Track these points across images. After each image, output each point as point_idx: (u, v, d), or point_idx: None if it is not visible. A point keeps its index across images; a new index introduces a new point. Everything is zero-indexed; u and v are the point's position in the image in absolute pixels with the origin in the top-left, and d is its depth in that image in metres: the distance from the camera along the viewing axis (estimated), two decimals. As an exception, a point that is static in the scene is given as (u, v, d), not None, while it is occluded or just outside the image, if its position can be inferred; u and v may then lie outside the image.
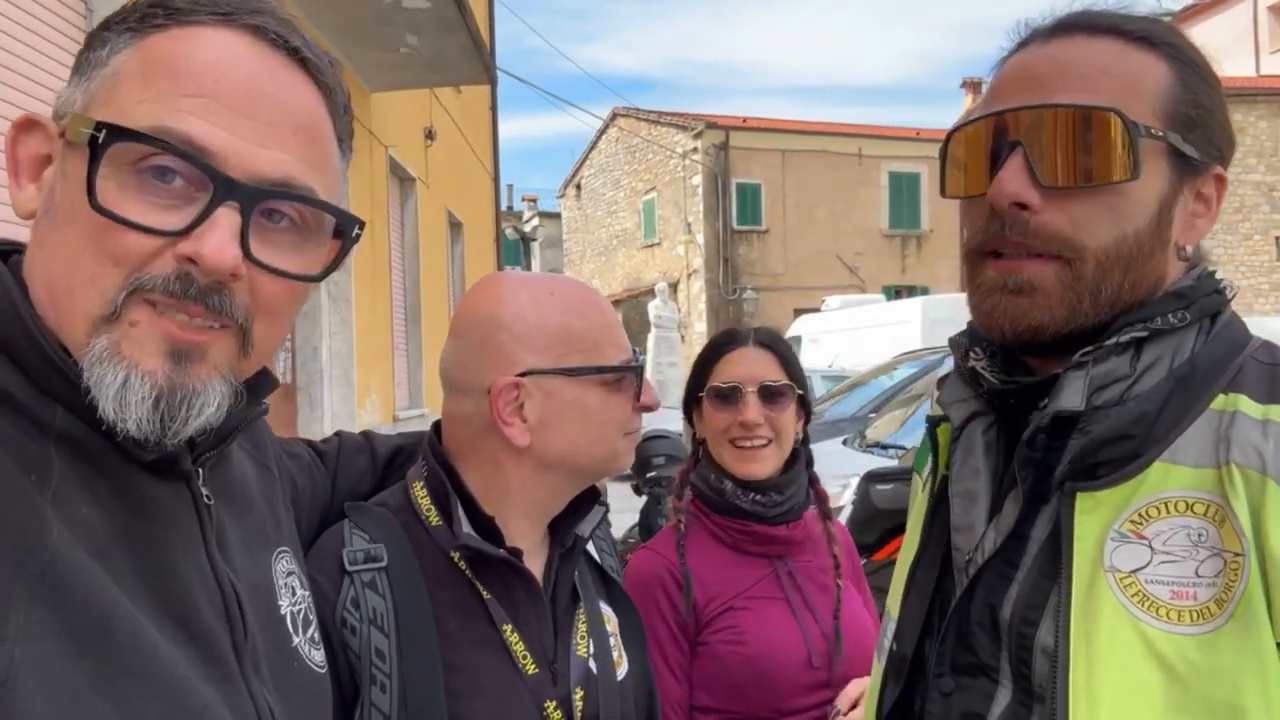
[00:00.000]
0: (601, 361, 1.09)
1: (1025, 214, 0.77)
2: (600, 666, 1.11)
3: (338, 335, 6.76)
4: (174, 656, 0.65)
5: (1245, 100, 20.67)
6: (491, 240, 13.41)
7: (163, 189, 0.65)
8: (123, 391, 0.63)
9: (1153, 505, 0.73)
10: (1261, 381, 0.75)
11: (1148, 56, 0.79)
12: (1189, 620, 0.70)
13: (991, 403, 0.87)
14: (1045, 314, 0.78)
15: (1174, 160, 0.78)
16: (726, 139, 24.45)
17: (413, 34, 6.45)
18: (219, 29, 0.68)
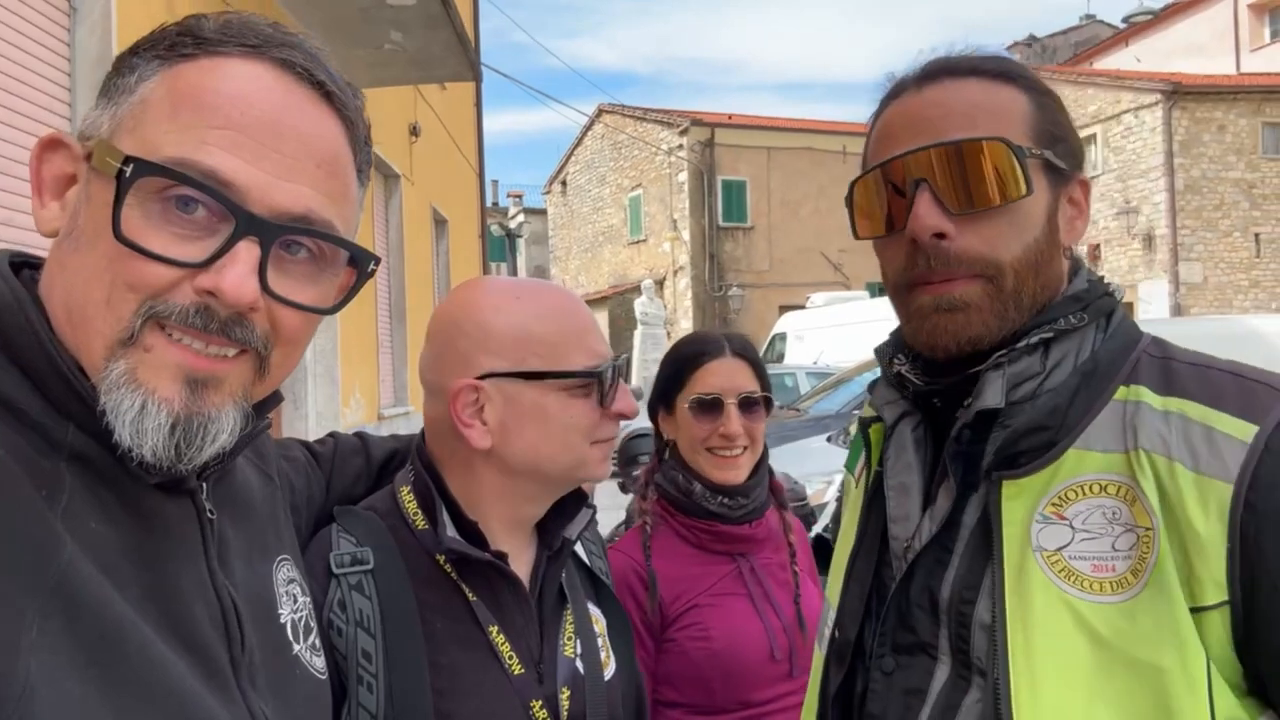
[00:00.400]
0: (563, 366, 1.08)
1: (944, 242, 0.86)
2: (588, 666, 1.12)
3: (321, 333, 6.72)
4: (179, 669, 0.66)
5: (1225, 98, 20.88)
6: (477, 237, 13.37)
7: (185, 219, 0.66)
8: (139, 418, 0.64)
9: (1071, 488, 0.82)
10: (1158, 374, 0.85)
11: (1008, 89, 0.89)
12: (1110, 590, 0.78)
13: (917, 403, 0.95)
14: (980, 326, 0.86)
15: (1049, 173, 0.89)
16: (712, 136, 24.47)
17: (397, 30, 6.41)
18: (247, 61, 0.69)
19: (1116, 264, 21.65)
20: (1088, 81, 22.71)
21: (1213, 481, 0.76)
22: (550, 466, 1.10)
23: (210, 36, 0.69)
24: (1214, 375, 0.83)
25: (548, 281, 1.21)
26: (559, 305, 1.13)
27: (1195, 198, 20.68)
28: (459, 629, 1.05)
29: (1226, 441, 0.77)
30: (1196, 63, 24.45)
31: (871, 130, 0.96)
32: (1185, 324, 10.69)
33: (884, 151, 0.91)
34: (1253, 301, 20.60)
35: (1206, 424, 0.79)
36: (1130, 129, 21.26)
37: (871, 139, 0.95)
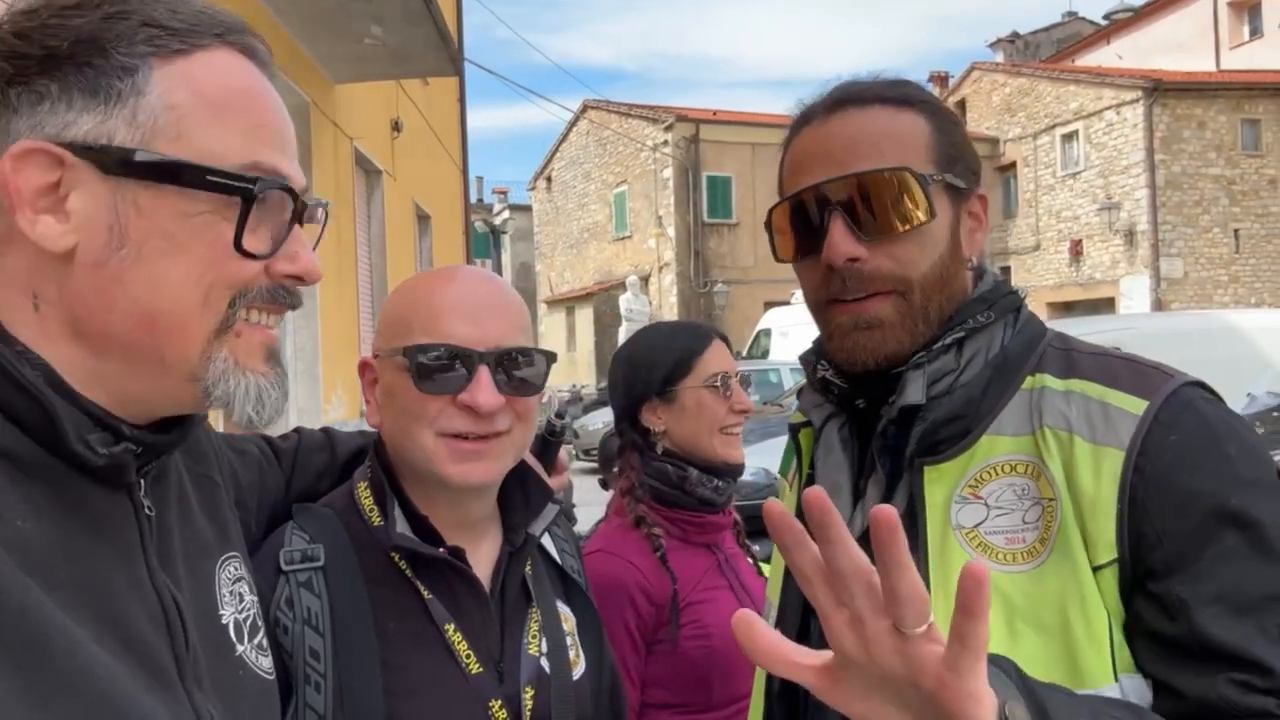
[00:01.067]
0: (404, 344, 1.03)
1: (857, 265, 0.92)
2: (554, 666, 1.10)
3: (303, 330, 6.68)
4: (113, 671, 0.64)
5: (1205, 95, 21.06)
6: (460, 233, 13.31)
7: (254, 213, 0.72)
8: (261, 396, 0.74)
9: (985, 470, 0.90)
10: (1059, 362, 0.93)
11: (909, 115, 0.96)
12: (1021, 560, 0.86)
13: (842, 405, 1.01)
14: (895, 342, 0.93)
15: (950, 193, 0.95)
16: (697, 132, 24.46)
17: (377, 25, 6.37)
18: (228, 51, 0.73)
19: (1099, 259, 21.81)
20: (1070, 78, 22.85)
21: (1107, 449, 0.83)
22: (408, 452, 1.05)
23: (180, 27, 0.71)
24: (1110, 361, 0.91)
25: (474, 268, 1.17)
26: (430, 286, 1.08)
27: (1176, 194, 20.85)
28: (413, 627, 1.03)
29: (1120, 415, 0.85)
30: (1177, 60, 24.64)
31: (784, 157, 1.02)
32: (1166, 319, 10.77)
33: (797, 180, 0.97)
34: (1232, 296, 20.81)
35: (1103, 400, 0.86)
36: (1112, 125, 21.40)
37: (785, 166, 1.01)
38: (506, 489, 1.14)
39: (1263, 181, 21.34)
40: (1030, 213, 23.65)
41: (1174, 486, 0.81)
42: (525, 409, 1.07)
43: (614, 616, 1.50)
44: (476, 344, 1.02)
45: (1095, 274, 21.89)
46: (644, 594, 1.54)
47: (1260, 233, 21.24)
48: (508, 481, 1.13)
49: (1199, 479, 0.81)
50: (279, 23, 6.11)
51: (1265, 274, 21.19)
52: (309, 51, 6.67)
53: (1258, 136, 21.38)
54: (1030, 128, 23.36)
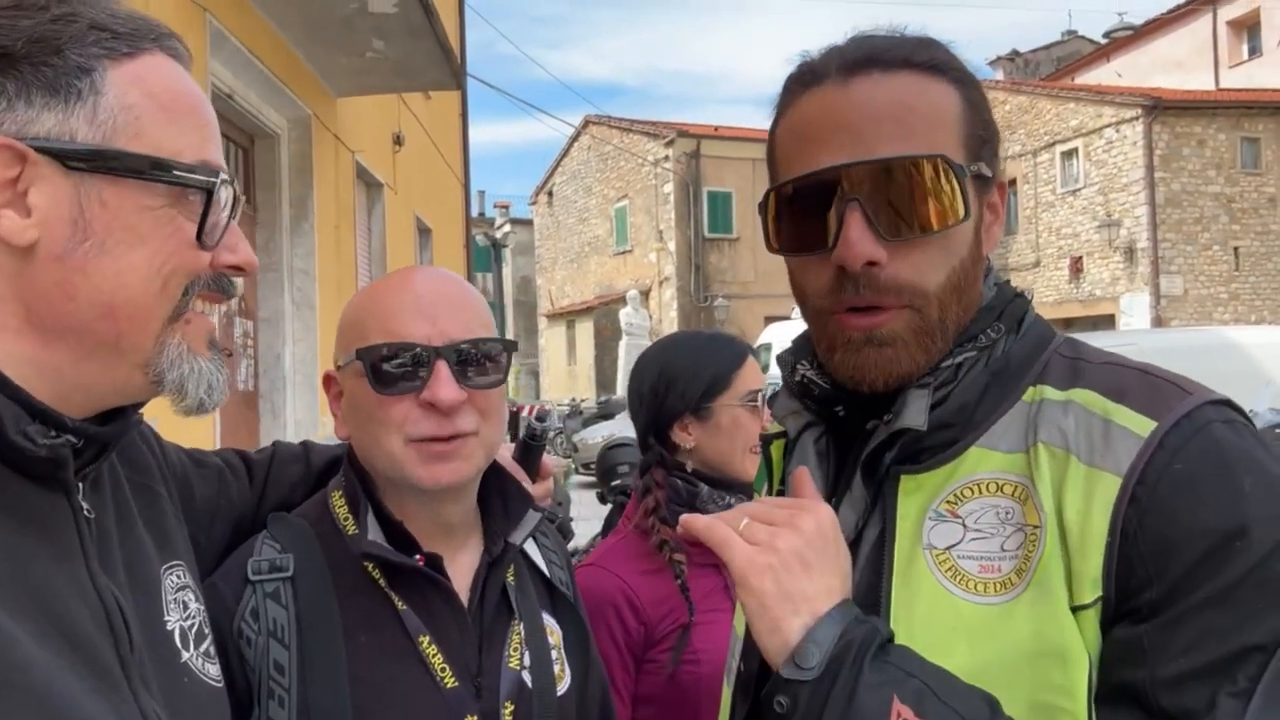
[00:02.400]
0: (359, 347, 1.02)
1: (875, 269, 0.78)
2: (537, 680, 1.07)
3: (301, 342, 6.67)
4: (52, 668, 0.64)
5: (1205, 113, 21.12)
6: (461, 246, 13.32)
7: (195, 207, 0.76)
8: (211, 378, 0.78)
9: (967, 486, 0.79)
10: (1064, 372, 0.81)
11: (941, 85, 0.81)
12: (993, 591, 0.74)
13: (820, 412, 0.90)
14: (909, 362, 0.80)
15: (976, 184, 0.81)
16: (698, 147, 24.54)
17: (379, 39, 6.39)
18: (165, 57, 0.77)
19: (1099, 276, 21.81)
20: (1070, 96, 22.93)
21: (1102, 474, 0.72)
22: (377, 461, 1.03)
23: (124, 31, 0.74)
24: (1121, 371, 0.79)
25: (425, 268, 1.15)
26: (381, 290, 1.07)
27: (1176, 211, 20.88)
28: (386, 639, 1.00)
29: (1123, 435, 0.73)
30: (1176, 78, 24.74)
31: (780, 118, 0.85)
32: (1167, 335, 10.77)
33: (806, 155, 0.81)
34: (1232, 314, 20.79)
35: (1106, 416, 0.75)
36: (1111, 143, 21.45)
37: (785, 132, 0.84)
38: (485, 496, 1.11)
39: (1262, 200, 21.37)
40: (1030, 229, 23.68)
41: (1170, 523, 0.69)
42: (489, 405, 1.04)
43: (601, 632, 1.46)
44: (432, 340, 1.00)
45: (1095, 291, 21.89)
46: (632, 609, 1.50)
47: (1260, 250, 21.25)
48: (487, 490, 1.10)
49: (1202, 515, 0.69)
50: (281, 35, 6.14)
51: (1265, 292, 21.19)
52: (311, 65, 6.69)
53: (1257, 155, 21.43)
54: (1030, 144, 23.42)
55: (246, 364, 6.27)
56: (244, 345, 6.22)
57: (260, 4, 5.70)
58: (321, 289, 6.81)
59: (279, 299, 6.52)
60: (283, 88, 6.13)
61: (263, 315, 6.49)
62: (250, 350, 6.35)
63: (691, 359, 1.64)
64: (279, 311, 6.50)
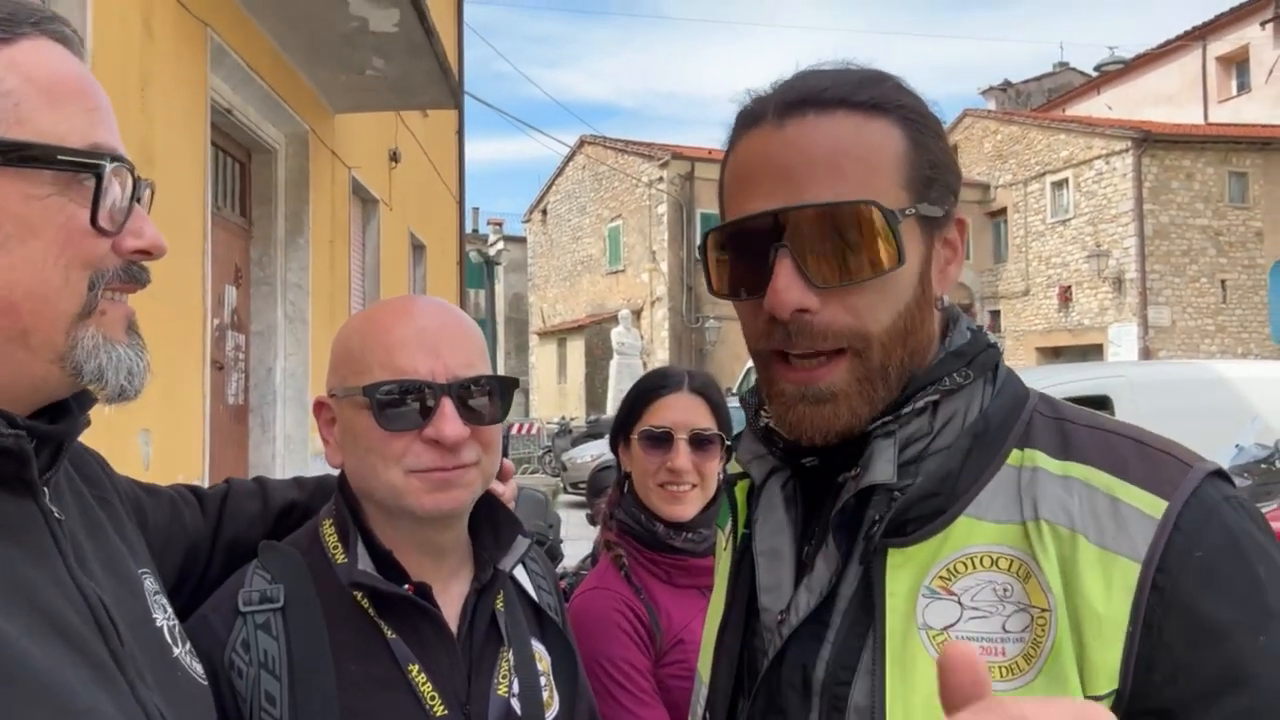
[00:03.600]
0: (362, 383, 1.01)
1: (806, 317, 0.76)
2: (525, 706, 1.07)
3: (293, 356, 6.66)
4: (51, 662, 0.64)
5: (1194, 147, 21.38)
6: (455, 263, 13.34)
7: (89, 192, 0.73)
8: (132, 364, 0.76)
9: (959, 560, 0.74)
10: (1052, 436, 0.77)
11: (880, 124, 0.77)
12: (998, 676, 0.70)
13: (787, 459, 0.86)
14: (850, 416, 0.77)
15: (923, 225, 0.79)
16: (692, 170, 24.67)
17: (379, 57, 6.43)
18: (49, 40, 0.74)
19: (1087, 306, 21.97)
20: (1060, 127, 23.18)
21: (1118, 559, 0.69)
22: (374, 492, 1.03)
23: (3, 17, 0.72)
24: (1115, 441, 0.76)
25: (425, 298, 1.13)
26: (378, 319, 1.06)
27: (1164, 243, 21.08)
28: (375, 669, 1.00)
29: (1135, 516, 0.70)
30: (1166, 112, 25.04)
31: (726, 158, 0.83)
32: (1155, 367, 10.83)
33: (741, 199, 0.79)
34: (1219, 346, 20.97)
35: (1111, 494, 0.72)
36: (1101, 174, 21.69)
37: (727, 174, 0.83)
38: (475, 523, 1.12)
39: (1249, 234, 21.60)
40: (1020, 258, 23.85)
41: (1198, 614, 0.67)
42: (489, 438, 1.06)
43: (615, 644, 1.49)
44: (437, 376, 1.01)
45: (1084, 320, 22.05)
46: (641, 622, 1.54)
47: (1247, 284, 21.45)
48: (478, 516, 1.11)
49: (1226, 609, 0.67)
50: (281, 52, 6.17)
51: (1251, 325, 21.36)
52: (310, 81, 6.72)
53: (1245, 189, 21.69)
54: (1021, 174, 23.65)
55: (237, 377, 6.25)
56: (235, 358, 6.21)
57: (261, 20, 5.73)
58: (315, 304, 6.80)
59: (272, 313, 6.51)
60: (281, 103, 6.16)
61: (255, 329, 6.47)
62: (241, 364, 6.33)
63: (633, 387, 1.73)
64: (271, 325, 6.50)
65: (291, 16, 5.71)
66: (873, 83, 0.79)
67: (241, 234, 6.39)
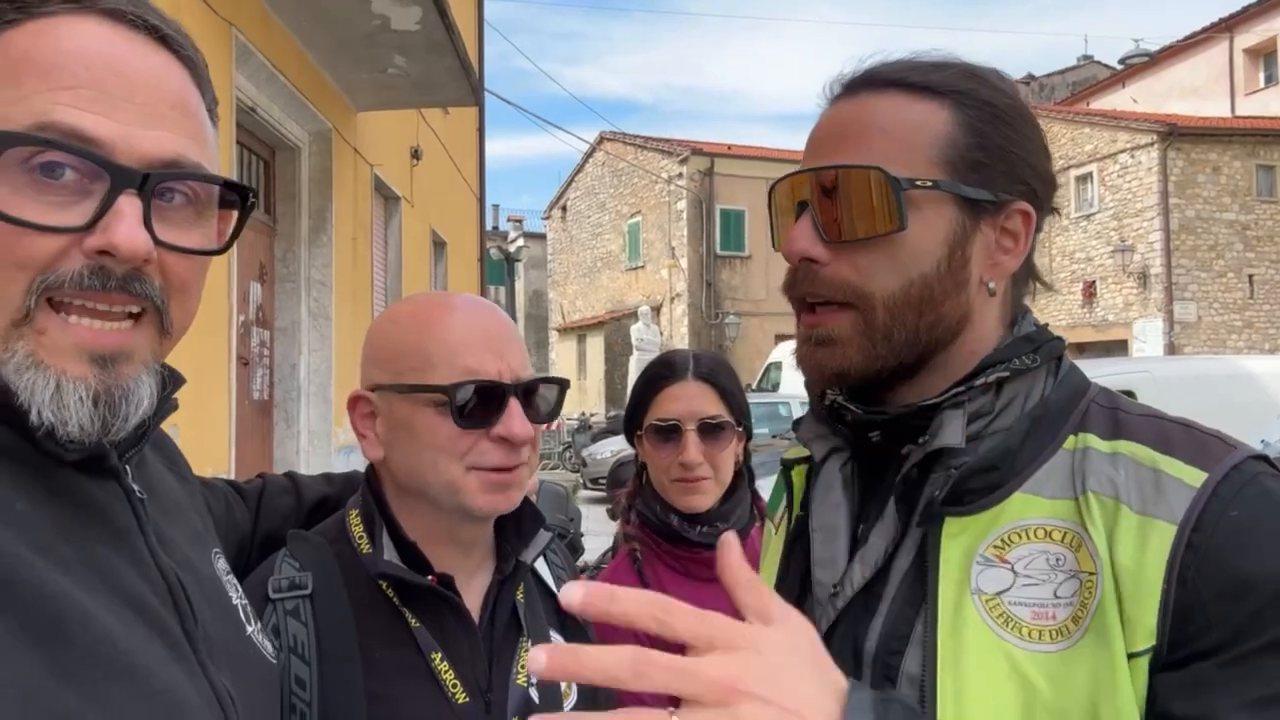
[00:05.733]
0: (428, 380, 1.03)
1: (815, 267, 0.84)
2: (544, 696, 1.09)
3: (316, 352, 6.72)
4: (131, 641, 0.65)
5: (1220, 140, 21.07)
6: (475, 260, 13.40)
7: (55, 185, 0.63)
8: (58, 396, 0.63)
9: (1014, 531, 0.78)
10: (1105, 422, 0.82)
11: (928, 105, 0.82)
12: (1049, 639, 0.74)
13: (848, 438, 0.91)
14: (844, 361, 0.83)
15: (963, 204, 0.82)
16: (711, 165, 24.63)
17: (401, 55, 6.47)
18: (75, 17, 0.66)
19: (1111, 301, 21.74)
20: (1085, 121, 22.93)
21: (1156, 522, 0.73)
22: (428, 488, 1.05)
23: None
24: (1164, 425, 0.81)
25: (467, 296, 1.15)
26: (437, 317, 1.08)
27: (1190, 238, 20.82)
28: (400, 656, 1.02)
29: (1174, 485, 0.74)
30: (1192, 105, 24.72)
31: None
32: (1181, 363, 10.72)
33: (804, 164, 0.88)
34: (1246, 342, 20.67)
35: (1155, 467, 0.76)
36: (1126, 168, 21.44)
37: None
38: (499, 517, 1.14)
39: (1278, 228, 21.28)
40: (1044, 252, 23.52)
41: (1232, 568, 0.70)
42: (538, 438, 1.10)
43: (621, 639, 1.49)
44: (503, 376, 1.04)
45: (1108, 316, 21.81)
46: None
47: (1275, 278, 21.14)
48: None
49: (1261, 560, 0.70)
50: (305, 51, 6.23)
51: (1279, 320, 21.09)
52: (333, 79, 6.78)
53: (1273, 183, 21.36)
54: (1044, 169, 23.43)
55: (262, 373, 6.33)
56: (260, 354, 6.28)
57: (285, 19, 5.79)
58: (338, 300, 6.87)
59: (296, 309, 6.58)
60: (305, 102, 6.22)
61: (279, 325, 6.55)
62: (266, 359, 6.40)
63: (640, 376, 1.68)
64: (295, 322, 6.57)
65: (315, 15, 5.76)
66: (934, 69, 0.85)
67: (266, 231, 6.46)
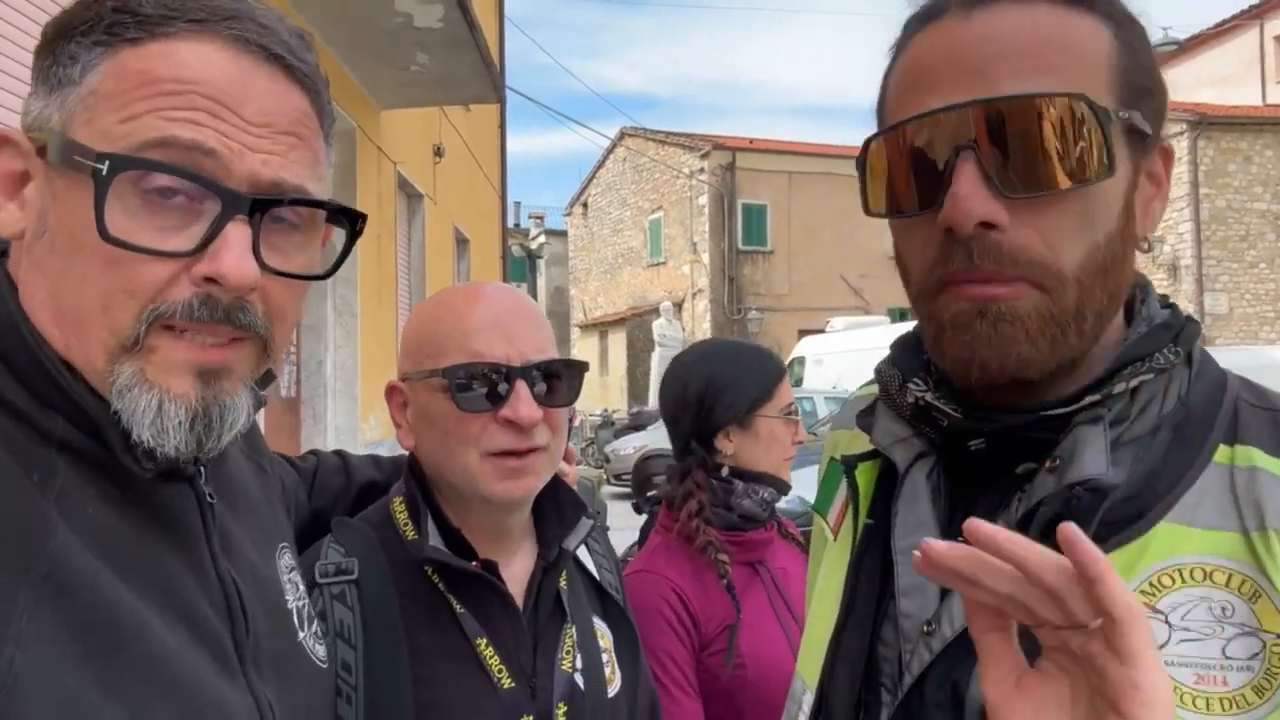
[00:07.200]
0: (439, 366, 1.04)
1: (993, 234, 0.64)
2: (588, 683, 1.10)
3: (343, 349, 6.78)
4: (184, 655, 0.65)
5: (1251, 129, 20.73)
6: (498, 257, 13.46)
7: (167, 207, 0.64)
8: (159, 418, 0.64)
9: (1165, 573, 0.63)
10: (1267, 430, 0.67)
11: (1087, 20, 0.66)
12: (1220, 709, 0.61)
13: (935, 442, 0.75)
14: (1030, 348, 0.65)
15: (1132, 141, 0.67)
16: (733, 160, 24.55)
17: (423, 53, 6.50)
18: (197, 41, 0.66)
19: (1140, 294, 21.48)
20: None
21: None
22: (449, 474, 1.06)
23: (152, 14, 0.65)
24: None
25: (496, 284, 1.16)
26: (458, 307, 1.09)
27: (1221, 228, 20.50)
28: (445, 641, 1.03)
29: None
30: (1222, 93, 24.31)
31: (894, 65, 0.72)
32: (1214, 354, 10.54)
33: (916, 99, 0.67)
34: (1279, 333, 20.34)
35: None
36: (1154, 158, 21.14)
37: (896, 75, 0.72)
38: (540, 503, 1.15)
39: (1311, 217, 20.93)
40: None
41: None
42: (558, 422, 1.09)
43: (664, 631, 1.50)
44: (511, 359, 1.04)
45: (1137, 308, 21.54)
46: (686, 610, 1.53)
47: (1308, 269, 20.81)
48: (541, 495, 1.13)
49: None
50: (328, 49, 6.27)
51: (1314, 311, 20.72)
52: (356, 78, 6.82)
53: (1306, 171, 21.00)
54: (1071, 160, 23.14)
55: (289, 370, 6.39)
56: (287, 352, 6.34)
57: (308, 17, 5.83)
58: (363, 298, 6.92)
59: (322, 306, 6.63)
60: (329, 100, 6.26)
61: (306, 323, 6.60)
62: (293, 357, 6.47)
63: (737, 370, 1.67)
64: (321, 319, 6.62)
65: (338, 14, 5.80)
66: None
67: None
